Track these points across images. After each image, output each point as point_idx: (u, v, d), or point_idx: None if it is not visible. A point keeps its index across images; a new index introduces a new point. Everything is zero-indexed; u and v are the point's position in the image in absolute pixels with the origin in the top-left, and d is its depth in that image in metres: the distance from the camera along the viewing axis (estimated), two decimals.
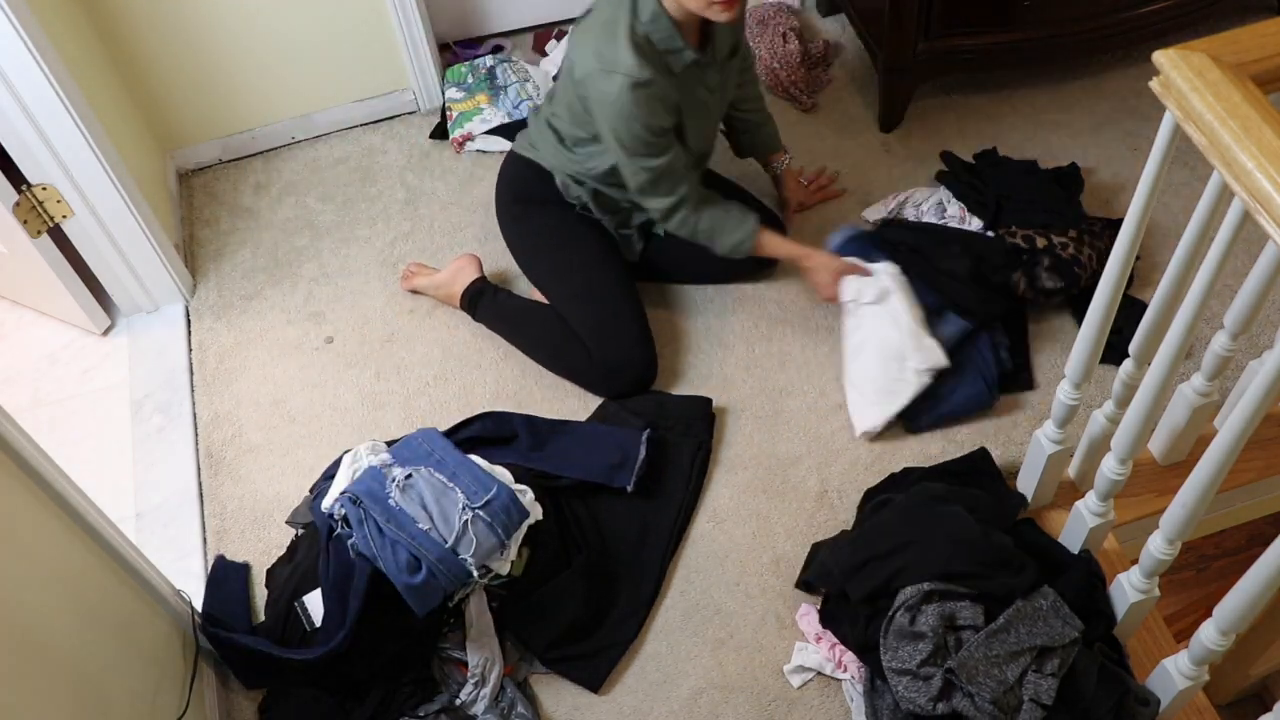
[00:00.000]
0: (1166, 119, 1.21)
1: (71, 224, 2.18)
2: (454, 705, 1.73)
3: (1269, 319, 2.19)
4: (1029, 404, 2.09)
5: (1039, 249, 2.16)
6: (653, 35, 1.83)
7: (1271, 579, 1.25)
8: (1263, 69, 1.14)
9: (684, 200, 1.99)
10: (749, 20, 2.80)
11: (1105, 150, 2.53)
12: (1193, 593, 2.67)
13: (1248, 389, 1.19)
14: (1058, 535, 1.77)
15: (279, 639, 1.76)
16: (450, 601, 1.75)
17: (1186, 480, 1.32)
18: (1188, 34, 2.01)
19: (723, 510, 1.98)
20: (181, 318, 2.39)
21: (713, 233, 2.04)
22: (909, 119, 2.63)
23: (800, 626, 1.82)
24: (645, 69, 1.80)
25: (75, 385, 2.29)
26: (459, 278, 2.27)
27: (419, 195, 2.58)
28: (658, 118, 1.86)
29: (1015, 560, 1.67)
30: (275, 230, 2.54)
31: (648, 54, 1.82)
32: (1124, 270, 1.42)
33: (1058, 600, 1.61)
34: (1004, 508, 1.83)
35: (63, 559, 1.45)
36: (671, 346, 2.22)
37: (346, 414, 2.18)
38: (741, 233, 2.04)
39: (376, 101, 2.72)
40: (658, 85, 1.83)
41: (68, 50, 2.07)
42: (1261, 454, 1.87)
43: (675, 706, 1.76)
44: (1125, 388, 1.58)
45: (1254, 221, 1.09)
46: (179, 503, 2.07)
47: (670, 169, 1.94)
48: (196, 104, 2.56)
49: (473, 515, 1.68)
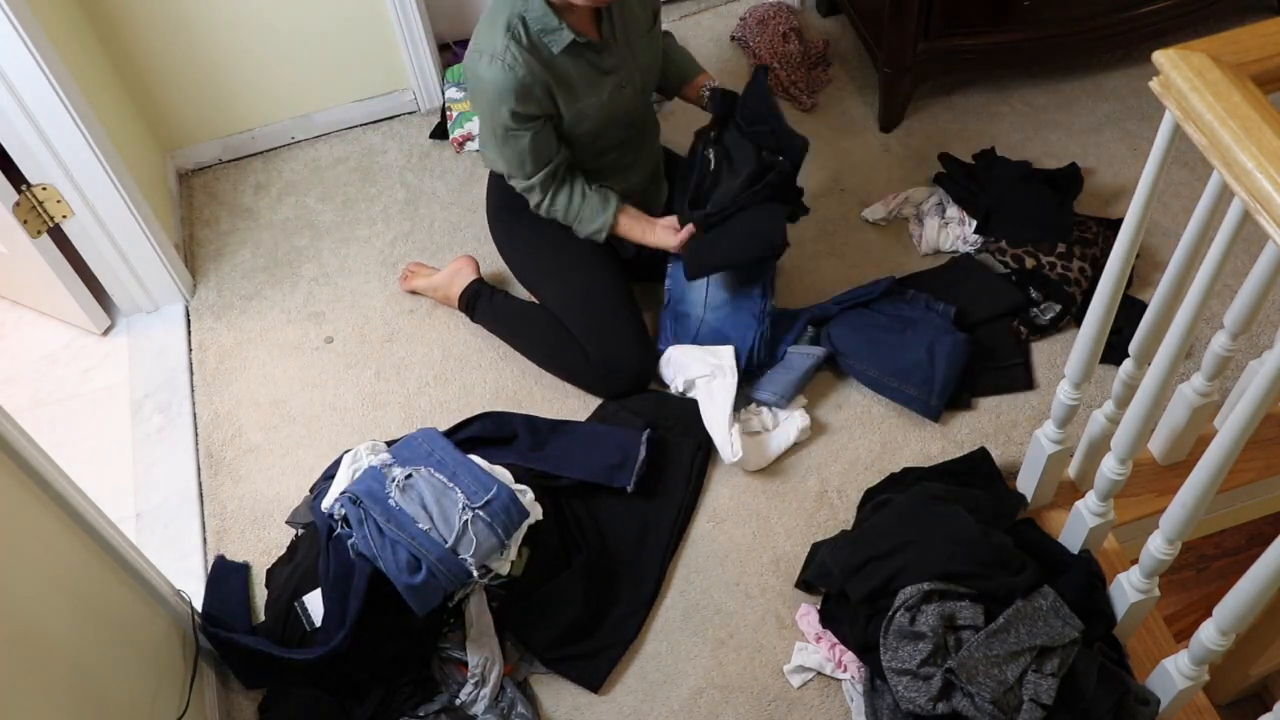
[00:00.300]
0: (1166, 119, 1.21)
1: (71, 224, 2.18)
2: (454, 705, 1.73)
3: (1269, 319, 2.19)
4: (1029, 404, 2.09)
5: (1027, 270, 2.17)
6: (528, 17, 1.85)
7: (1271, 579, 1.25)
8: (1263, 69, 1.14)
9: (534, 188, 2.02)
10: (749, 20, 2.80)
11: (1105, 150, 2.53)
12: (1193, 593, 2.67)
13: (1248, 389, 1.19)
14: (1058, 535, 1.77)
15: (279, 639, 1.76)
16: (450, 601, 1.75)
17: (1186, 480, 1.32)
18: (1188, 34, 2.01)
19: (723, 510, 1.98)
20: (181, 318, 2.39)
21: (568, 219, 2.08)
22: (909, 119, 2.63)
23: (800, 626, 1.82)
24: (512, 51, 1.83)
25: (75, 385, 2.29)
26: (457, 279, 2.27)
27: (419, 195, 2.58)
28: (524, 98, 1.88)
29: (1015, 560, 1.67)
30: (275, 230, 2.54)
31: (520, 37, 1.85)
32: (1124, 270, 1.42)
33: (1057, 600, 1.61)
34: (1003, 507, 1.83)
35: (63, 559, 1.45)
36: None
37: (346, 414, 2.18)
38: (598, 223, 2.06)
39: (376, 101, 2.72)
40: (526, 69, 1.85)
41: (68, 50, 2.07)
42: (1261, 454, 1.87)
43: (675, 706, 1.76)
44: (1125, 388, 1.58)
45: (1254, 221, 1.09)
46: (179, 503, 2.07)
47: (531, 154, 1.95)
48: (196, 104, 2.56)
49: (473, 515, 1.68)
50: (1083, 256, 2.20)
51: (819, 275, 2.31)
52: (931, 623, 1.58)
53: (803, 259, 2.34)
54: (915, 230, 2.36)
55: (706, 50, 2.81)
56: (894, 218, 2.40)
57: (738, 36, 2.83)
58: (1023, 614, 1.58)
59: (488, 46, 1.85)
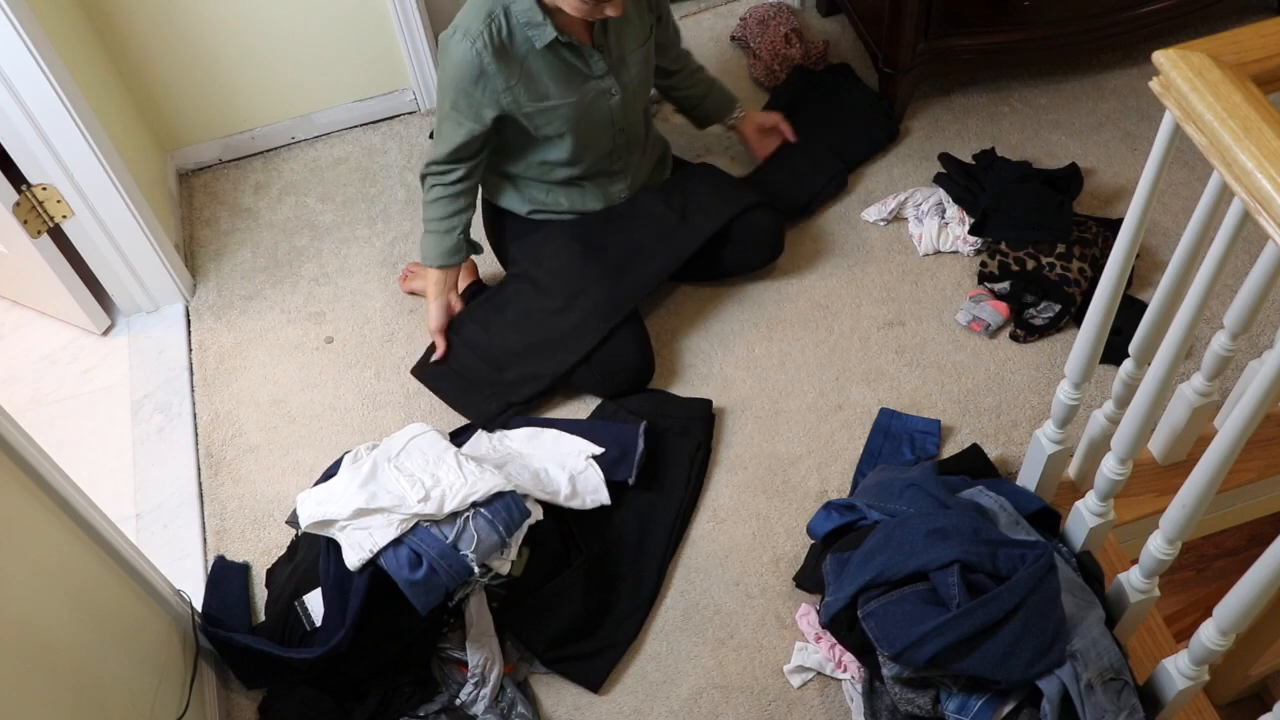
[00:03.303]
0: (1166, 119, 1.21)
1: (71, 224, 2.18)
2: (454, 705, 1.73)
3: (1269, 319, 2.19)
4: (1029, 404, 2.09)
5: (1028, 272, 2.18)
6: (513, 8, 1.86)
7: (1271, 579, 1.25)
8: (1263, 69, 1.13)
9: (427, 176, 2.06)
10: (749, 21, 2.80)
11: (1105, 150, 2.53)
12: (1193, 593, 2.67)
13: (1248, 389, 1.19)
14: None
15: (279, 639, 1.76)
16: (451, 601, 1.75)
17: (1186, 480, 1.32)
18: (1188, 34, 2.01)
19: (723, 510, 1.99)
20: (181, 318, 2.39)
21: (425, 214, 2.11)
22: (909, 119, 2.63)
23: (800, 626, 1.82)
24: (485, 39, 1.85)
25: (75, 385, 2.29)
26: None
27: (419, 195, 2.57)
28: (475, 88, 1.90)
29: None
30: (275, 230, 2.54)
31: (499, 26, 1.86)
32: (1124, 270, 1.42)
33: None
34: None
35: (63, 559, 1.45)
36: (671, 346, 2.22)
37: (346, 414, 2.18)
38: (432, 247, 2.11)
39: (376, 101, 2.72)
40: (492, 59, 1.86)
41: (68, 50, 2.07)
42: (1261, 454, 1.87)
43: (675, 706, 1.76)
44: (1125, 388, 1.58)
45: (1254, 221, 1.08)
46: (179, 503, 2.07)
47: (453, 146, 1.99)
48: (196, 104, 2.56)
49: (474, 511, 1.68)
50: (1082, 257, 2.20)
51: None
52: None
53: (803, 258, 2.35)
54: (915, 230, 2.36)
55: (706, 50, 2.81)
56: (894, 218, 2.40)
57: (738, 37, 2.83)
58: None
59: (464, 25, 1.87)
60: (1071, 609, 1.53)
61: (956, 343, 2.20)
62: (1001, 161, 2.41)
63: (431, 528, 1.66)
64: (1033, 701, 1.51)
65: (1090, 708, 1.45)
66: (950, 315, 2.24)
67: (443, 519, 1.67)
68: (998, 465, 1.97)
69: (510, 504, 1.71)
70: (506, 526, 1.69)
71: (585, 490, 1.88)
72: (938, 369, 2.16)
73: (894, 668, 1.58)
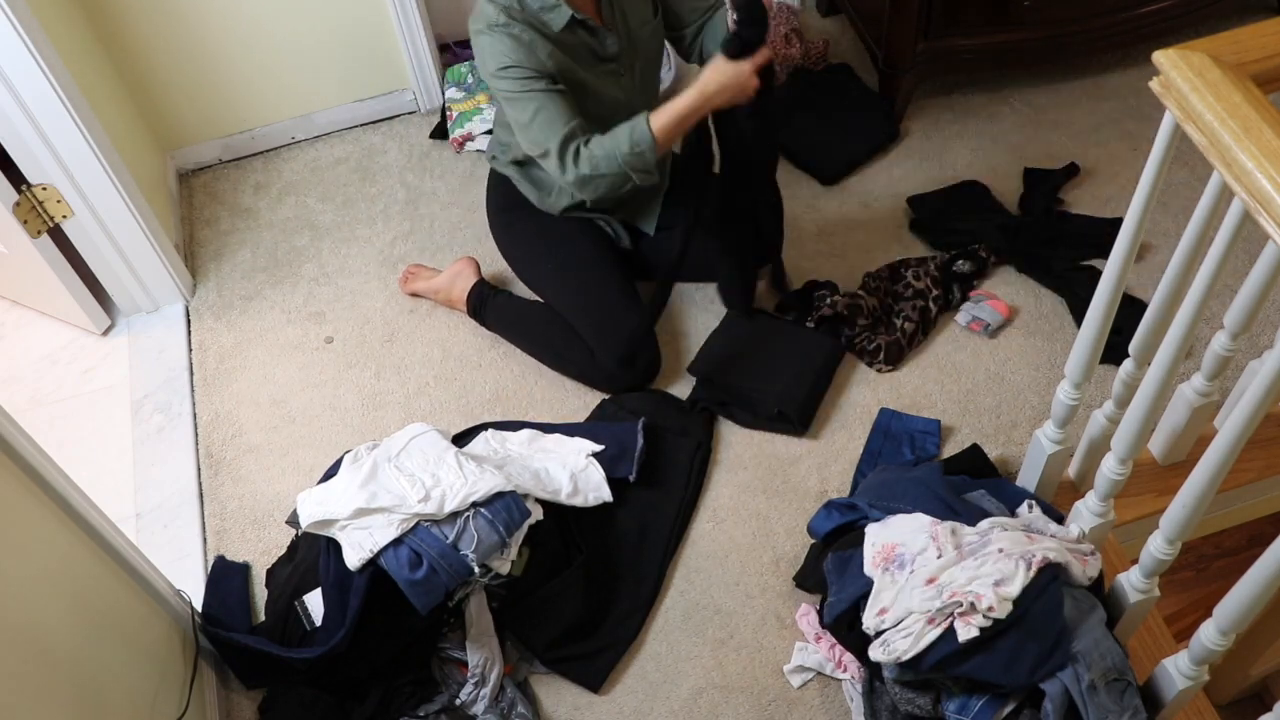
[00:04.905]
0: (1166, 119, 1.21)
1: (71, 224, 2.18)
2: (454, 705, 1.73)
3: (1269, 319, 2.19)
4: (1029, 404, 2.09)
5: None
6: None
7: (1271, 579, 1.25)
8: (1263, 69, 1.13)
9: (569, 138, 1.87)
10: None
11: (1105, 150, 2.53)
12: (1193, 593, 2.67)
13: (1248, 389, 1.19)
14: None
15: (279, 639, 1.76)
16: (451, 601, 1.75)
17: (1186, 480, 1.32)
18: (1188, 34, 2.01)
19: (723, 510, 1.99)
20: (181, 318, 2.39)
21: (612, 150, 1.88)
22: (909, 119, 2.63)
23: (800, 626, 1.82)
24: (504, 18, 1.83)
25: (75, 385, 2.29)
26: (458, 282, 2.27)
27: (419, 195, 2.58)
28: (523, 55, 1.84)
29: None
30: (275, 230, 2.54)
31: (516, 13, 1.85)
32: (1124, 270, 1.42)
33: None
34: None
35: (63, 559, 1.45)
36: (672, 346, 2.22)
37: (346, 414, 2.18)
38: (634, 131, 1.87)
39: (376, 101, 2.72)
40: (522, 28, 1.84)
41: (68, 50, 2.07)
42: (1261, 454, 1.87)
43: (675, 706, 1.76)
44: (1125, 388, 1.58)
45: (1254, 221, 1.08)
46: (179, 503, 2.07)
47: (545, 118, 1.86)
48: (196, 104, 2.56)
49: (474, 511, 1.68)
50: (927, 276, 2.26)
51: (819, 275, 2.31)
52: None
53: (802, 259, 2.34)
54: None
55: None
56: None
57: None
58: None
59: (482, 20, 1.86)
60: (1073, 611, 1.53)
61: (956, 343, 2.20)
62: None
63: (432, 527, 1.66)
64: (1033, 702, 1.51)
65: (1093, 708, 1.45)
66: (950, 315, 2.24)
67: (443, 519, 1.67)
68: (998, 465, 1.98)
69: (510, 504, 1.71)
70: (507, 526, 1.69)
71: (587, 488, 1.88)
72: (938, 369, 2.16)
73: (894, 669, 1.58)
